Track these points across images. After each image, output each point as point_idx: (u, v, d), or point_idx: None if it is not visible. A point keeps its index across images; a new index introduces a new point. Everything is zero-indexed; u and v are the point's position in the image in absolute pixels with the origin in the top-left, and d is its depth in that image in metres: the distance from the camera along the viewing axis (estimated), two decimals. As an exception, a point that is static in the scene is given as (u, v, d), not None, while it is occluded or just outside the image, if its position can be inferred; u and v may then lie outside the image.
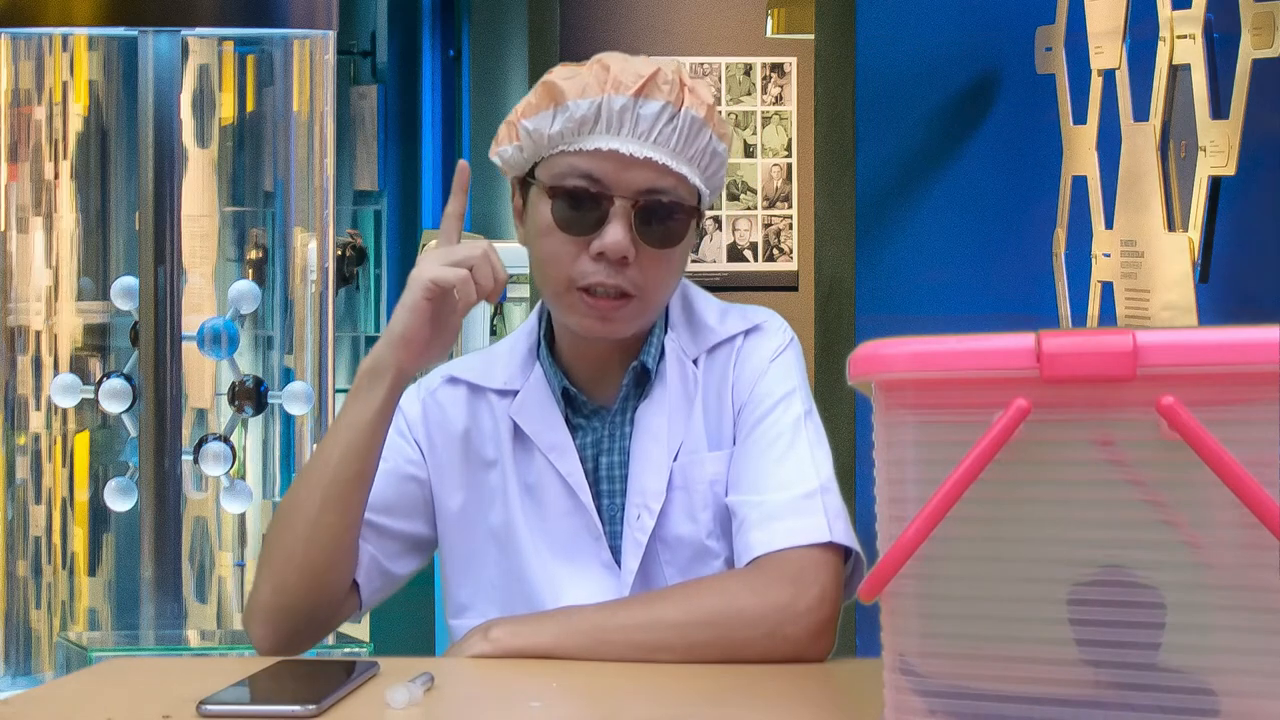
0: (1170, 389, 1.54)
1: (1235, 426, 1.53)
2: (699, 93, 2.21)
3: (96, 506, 4.51)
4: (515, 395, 2.30)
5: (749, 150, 6.47)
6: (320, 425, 4.33)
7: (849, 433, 4.31)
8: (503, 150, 2.26)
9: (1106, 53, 3.72)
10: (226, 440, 4.28)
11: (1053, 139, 3.99)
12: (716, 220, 6.46)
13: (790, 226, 6.47)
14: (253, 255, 4.79)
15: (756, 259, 6.47)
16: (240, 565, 4.69)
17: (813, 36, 4.83)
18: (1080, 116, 3.87)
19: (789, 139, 6.46)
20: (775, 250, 6.47)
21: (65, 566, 4.58)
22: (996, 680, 1.59)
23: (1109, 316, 3.71)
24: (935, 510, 1.57)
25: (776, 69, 6.46)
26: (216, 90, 4.73)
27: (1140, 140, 3.56)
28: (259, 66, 4.76)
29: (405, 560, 2.31)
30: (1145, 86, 3.53)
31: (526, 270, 2.87)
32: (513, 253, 2.44)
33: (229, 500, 4.35)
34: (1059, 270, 3.98)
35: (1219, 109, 3.29)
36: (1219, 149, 3.26)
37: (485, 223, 7.93)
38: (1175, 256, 3.42)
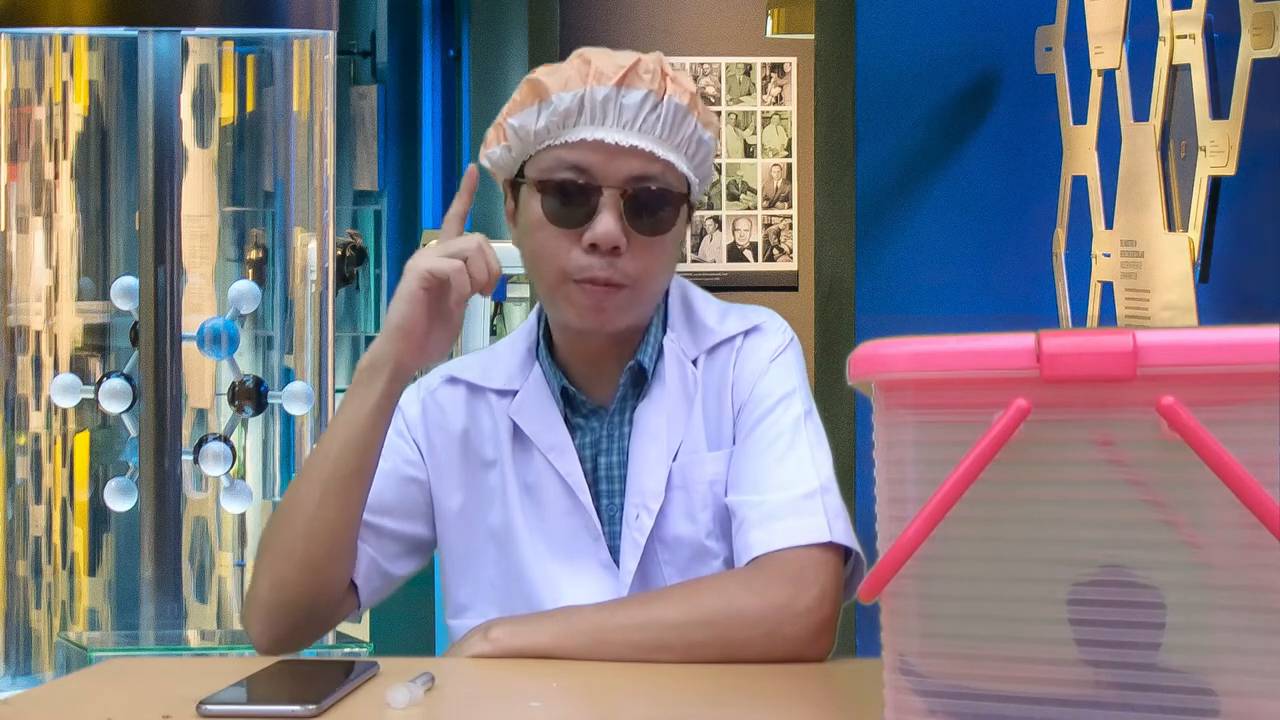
0: (1170, 389, 1.54)
1: (1235, 426, 1.53)
2: (681, 82, 2.22)
3: (96, 506, 4.51)
4: (514, 395, 2.30)
5: (749, 150, 6.47)
6: (320, 425, 4.33)
7: (849, 433, 4.31)
8: (491, 153, 2.27)
9: (1106, 53, 3.72)
10: (226, 440, 4.27)
11: (1053, 139, 3.99)
12: (716, 220, 6.46)
13: (790, 226, 6.47)
14: (253, 255, 4.79)
15: (756, 259, 6.47)
16: (240, 565, 4.69)
17: (813, 36, 4.83)
18: (1080, 116, 3.87)
19: (789, 139, 6.46)
20: (775, 250, 6.47)
21: (65, 566, 4.58)
22: (996, 680, 1.59)
23: (1109, 316, 3.71)
24: (935, 510, 1.57)
25: (776, 69, 6.46)
26: (216, 90, 4.73)
27: (1140, 140, 3.56)
28: (259, 66, 4.76)
29: (404, 561, 2.31)
30: (1145, 86, 3.53)
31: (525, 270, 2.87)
32: (510, 253, 2.43)
33: (229, 500, 4.35)
34: (1059, 270, 3.99)
35: (1219, 109, 3.29)
36: (1219, 149, 3.26)
37: (485, 223, 7.93)
38: (1175, 256, 3.42)
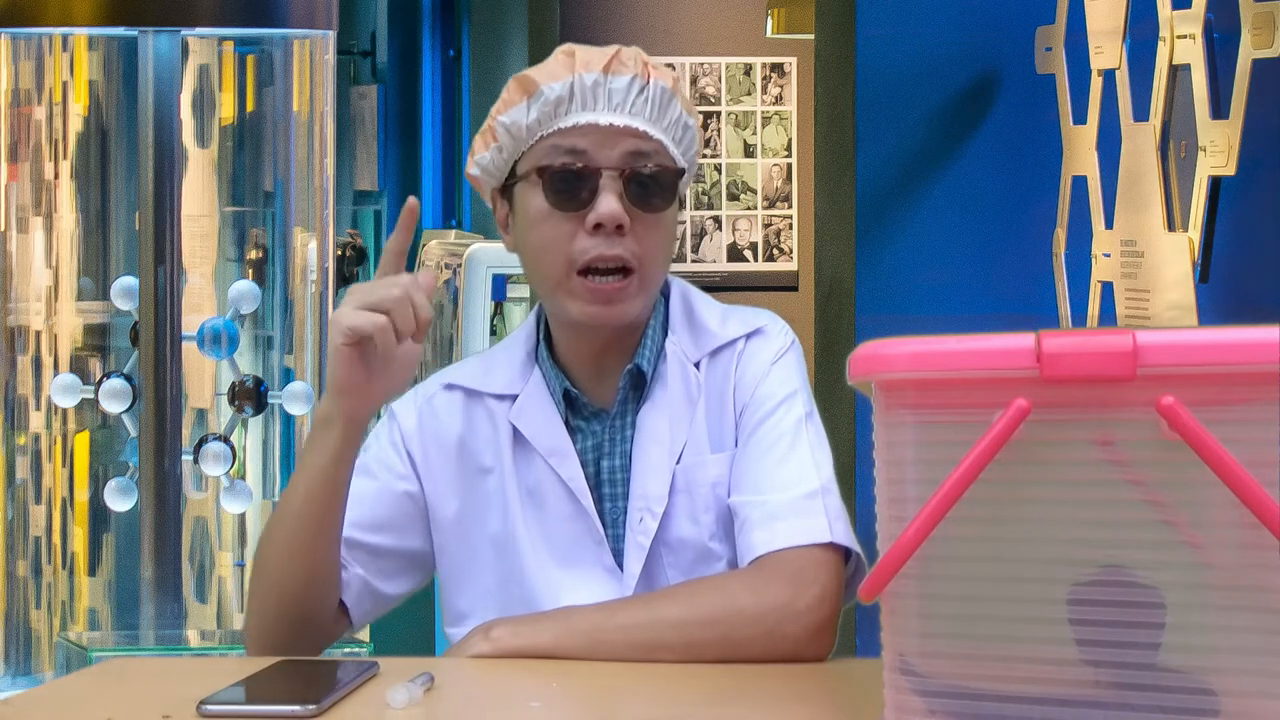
0: (1170, 389, 1.54)
1: (1235, 426, 1.53)
2: (662, 70, 2.26)
3: (96, 506, 4.51)
4: (514, 399, 2.30)
5: (749, 150, 6.47)
6: (320, 425, 4.32)
7: (849, 433, 4.31)
8: (480, 158, 2.28)
9: (1106, 53, 3.72)
10: (226, 440, 4.27)
11: (1053, 139, 3.99)
12: (716, 220, 6.46)
13: (790, 226, 6.47)
14: (253, 255, 4.79)
15: (756, 259, 6.47)
16: (240, 565, 4.69)
17: (813, 36, 4.83)
18: (1080, 116, 3.87)
19: (789, 139, 6.46)
20: (775, 250, 6.47)
21: (65, 566, 4.58)
22: (996, 680, 1.59)
23: (1109, 316, 3.71)
24: (935, 510, 1.57)
25: (776, 69, 6.46)
26: (216, 90, 4.73)
27: (1140, 140, 3.56)
28: (259, 66, 4.76)
29: (400, 579, 2.31)
30: (1145, 86, 3.53)
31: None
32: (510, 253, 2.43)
33: (229, 500, 4.35)
34: (1059, 270, 3.99)
35: (1219, 109, 3.29)
36: (1219, 149, 3.26)
37: (486, 222, 7.93)
38: (1175, 256, 3.42)
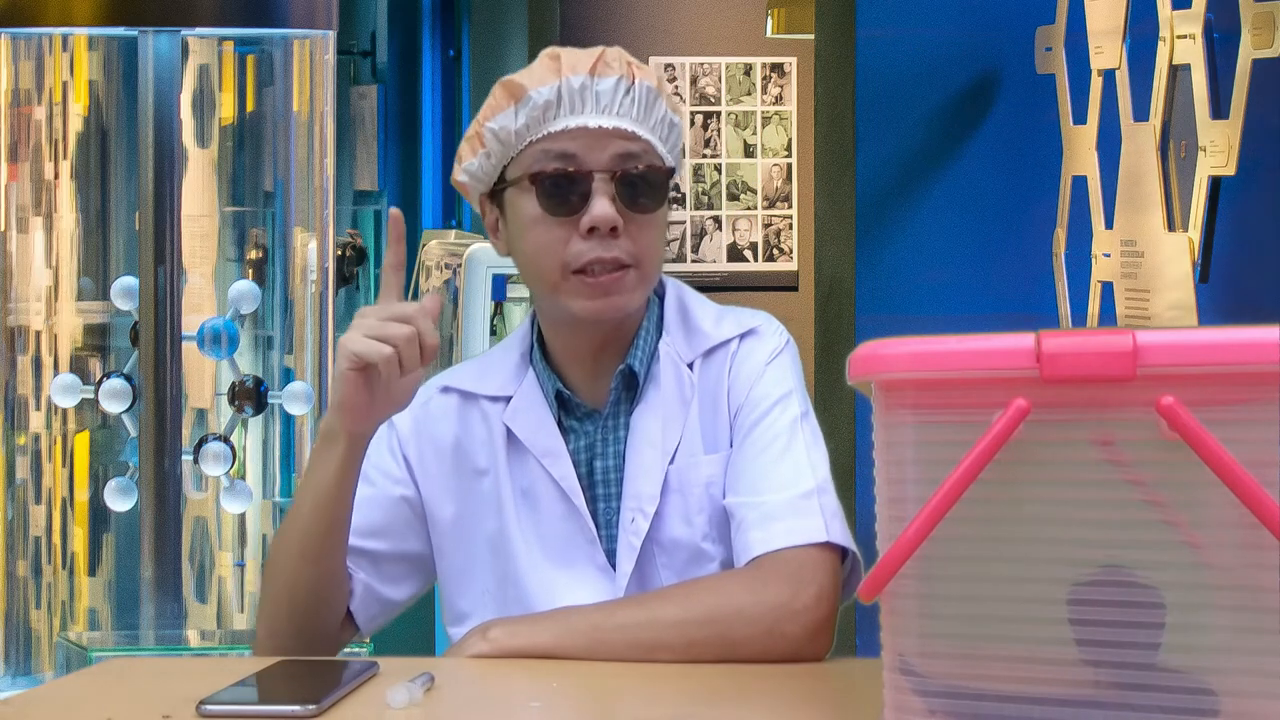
0: (1170, 389, 1.54)
1: (1235, 426, 1.53)
2: (646, 69, 2.27)
3: (96, 506, 4.51)
4: (509, 401, 2.31)
5: (749, 150, 6.47)
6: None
7: (849, 433, 4.31)
8: (468, 165, 2.28)
9: (1106, 53, 3.72)
10: (226, 440, 4.27)
11: (1053, 139, 3.99)
12: (716, 220, 6.46)
13: (790, 226, 6.47)
14: (253, 255, 4.79)
15: (756, 259, 6.47)
16: (240, 565, 4.69)
17: (813, 36, 4.83)
18: (1080, 116, 3.87)
19: (789, 139, 6.46)
20: (775, 250, 6.47)
21: (65, 566, 4.58)
22: (996, 680, 1.59)
23: (1109, 316, 3.71)
24: (935, 510, 1.57)
25: (776, 69, 6.46)
26: (216, 90, 4.73)
27: (1140, 140, 3.56)
28: (259, 66, 4.76)
29: (403, 584, 2.33)
30: (1145, 86, 3.53)
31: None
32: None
33: (229, 500, 4.35)
34: (1059, 270, 3.99)
35: (1219, 109, 3.29)
36: (1219, 149, 3.26)
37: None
38: (1175, 256, 3.42)
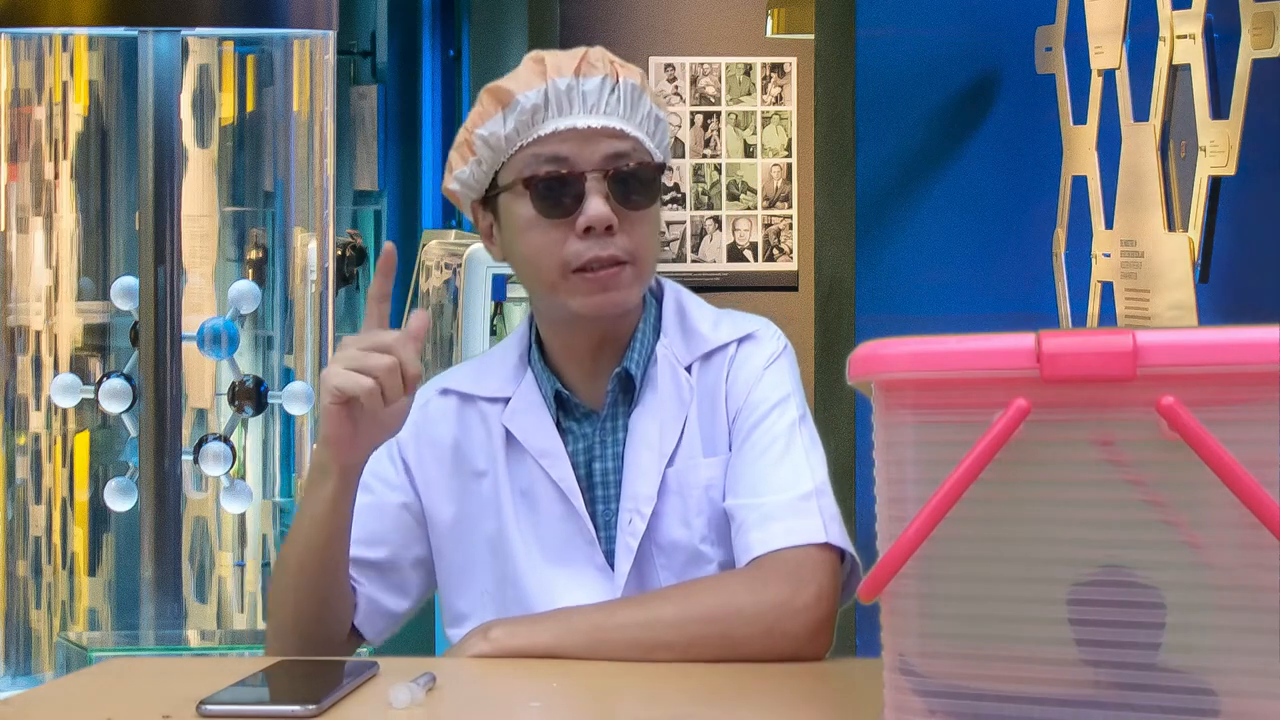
0: (1170, 389, 1.54)
1: (1235, 426, 1.53)
2: (629, 68, 2.28)
3: (96, 506, 4.51)
4: (507, 402, 2.32)
5: (749, 150, 6.47)
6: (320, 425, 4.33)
7: (849, 433, 4.31)
8: (459, 174, 2.29)
9: (1106, 53, 3.72)
10: (226, 440, 4.27)
11: (1053, 139, 3.99)
12: (716, 220, 6.46)
13: (790, 226, 6.47)
14: (253, 255, 4.79)
15: (756, 259, 6.47)
16: (240, 565, 4.69)
17: (813, 36, 4.83)
18: (1080, 116, 3.87)
19: (789, 139, 6.46)
20: (775, 250, 6.47)
21: (65, 566, 4.58)
22: (996, 680, 1.59)
23: (1109, 316, 3.71)
24: (935, 510, 1.57)
25: (776, 69, 6.46)
26: (216, 90, 4.73)
27: (1140, 140, 3.56)
28: (259, 66, 4.76)
29: (407, 591, 2.35)
30: (1145, 86, 3.53)
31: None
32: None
33: (229, 500, 4.35)
34: (1059, 270, 3.99)
35: (1219, 109, 3.29)
36: (1219, 149, 3.26)
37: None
38: (1175, 256, 3.42)
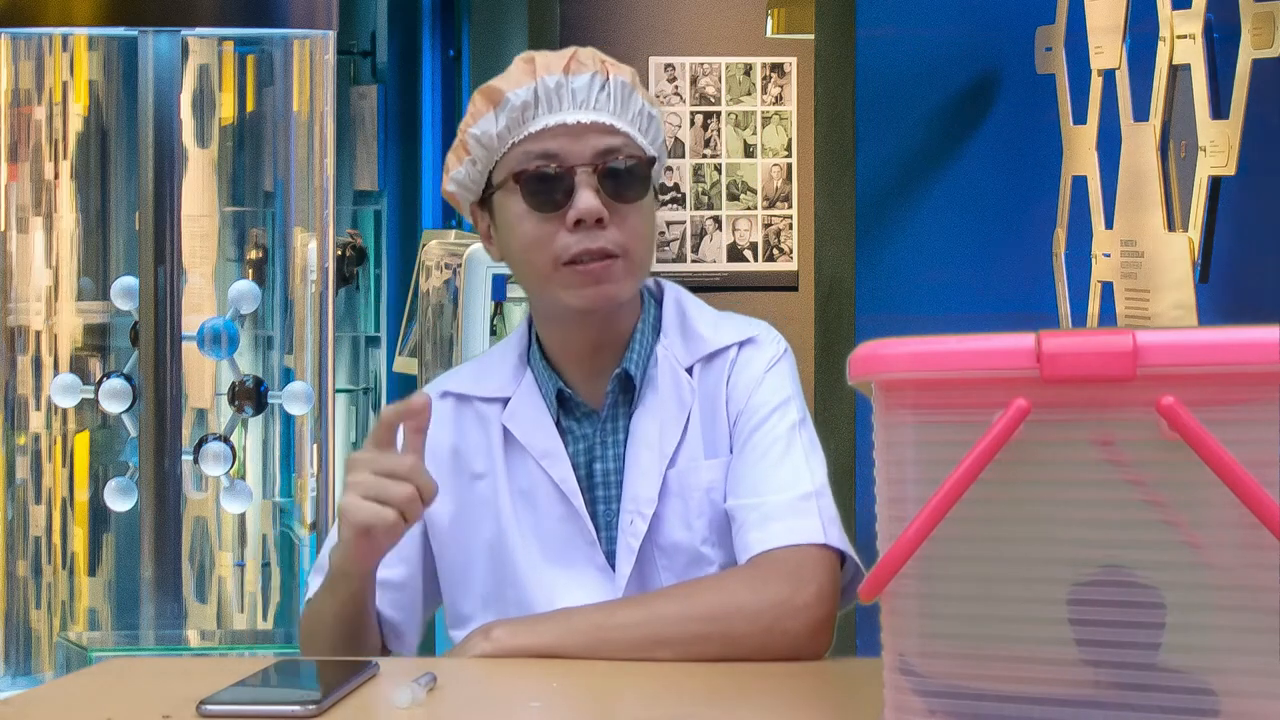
0: (1170, 389, 1.54)
1: (1235, 426, 1.53)
2: (620, 66, 2.30)
3: (96, 506, 4.51)
4: (506, 402, 2.32)
5: (749, 150, 6.46)
6: (320, 425, 4.33)
7: (849, 433, 4.31)
8: (456, 174, 2.31)
9: (1106, 52, 3.72)
10: (226, 440, 4.28)
11: (1053, 139, 3.99)
12: (716, 220, 6.46)
13: (790, 226, 6.47)
14: (253, 255, 4.79)
15: (756, 259, 6.47)
16: (240, 565, 4.69)
17: (813, 36, 4.83)
18: (1080, 116, 3.87)
19: (789, 139, 6.46)
20: (775, 250, 6.47)
21: (65, 566, 4.58)
22: (996, 680, 1.59)
23: (1109, 316, 3.71)
24: (935, 510, 1.57)
25: (776, 69, 6.46)
26: (216, 90, 4.73)
27: (1140, 140, 3.56)
28: (259, 66, 4.76)
29: (432, 599, 2.36)
30: (1145, 86, 3.53)
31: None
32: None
33: (229, 500, 4.35)
34: (1059, 270, 3.99)
35: (1219, 109, 3.29)
36: (1219, 149, 3.26)
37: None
38: (1175, 256, 3.42)
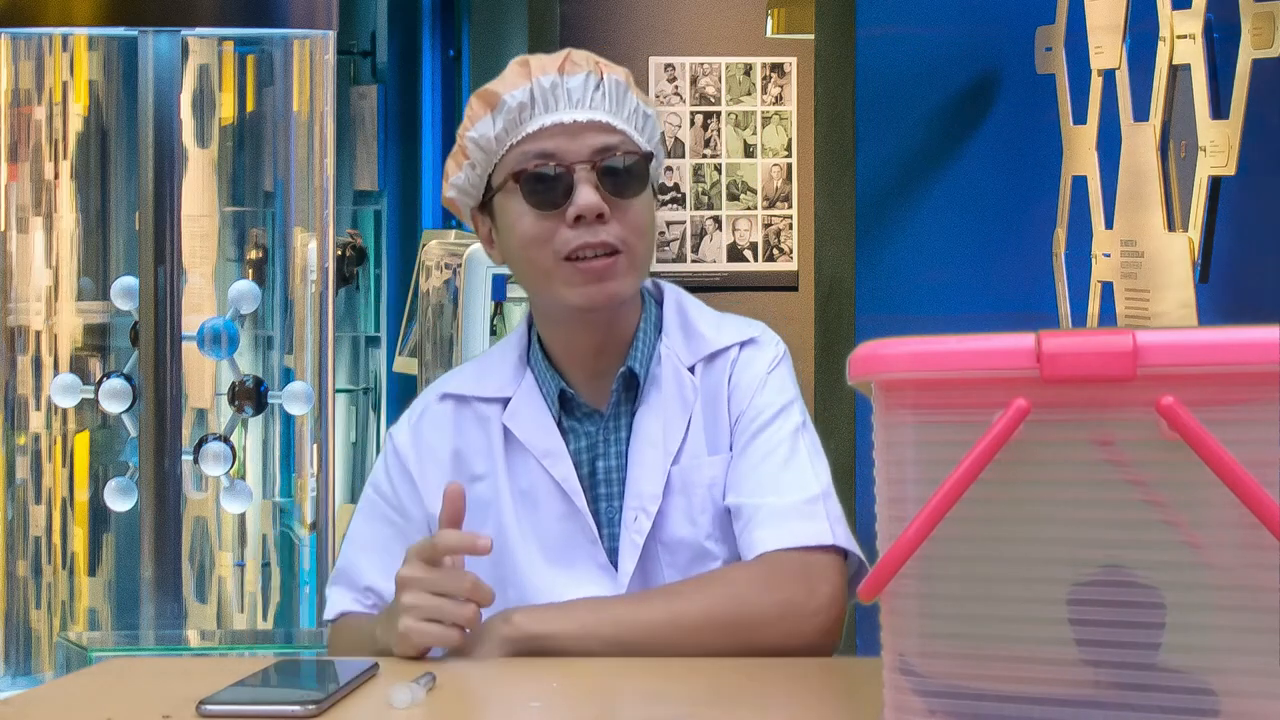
0: (1170, 389, 1.54)
1: (1235, 426, 1.53)
2: (614, 67, 2.32)
3: (96, 506, 4.51)
4: (507, 403, 2.32)
5: (749, 150, 6.47)
6: (320, 425, 4.33)
7: (849, 433, 4.31)
8: (456, 179, 2.33)
9: (1106, 52, 3.72)
10: (226, 440, 4.28)
11: (1053, 139, 3.99)
12: (716, 220, 6.46)
13: (790, 226, 6.47)
14: (253, 255, 4.79)
15: (756, 259, 6.47)
16: (240, 565, 4.69)
17: (813, 36, 4.83)
18: (1080, 116, 3.87)
19: (789, 139, 6.46)
20: (775, 250, 6.47)
21: (65, 566, 4.58)
22: (996, 680, 1.59)
23: (1109, 316, 3.71)
24: (935, 510, 1.57)
25: (776, 69, 6.46)
26: (216, 90, 4.73)
27: (1140, 140, 3.56)
28: (259, 66, 4.76)
29: None
30: (1145, 86, 3.53)
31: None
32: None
33: (229, 500, 4.35)
34: (1059, 270, 3.99)
35: (1219, 109, 3.30)
36: (1219, 149, 3.26)
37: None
38: (1175, 256, 3.42)
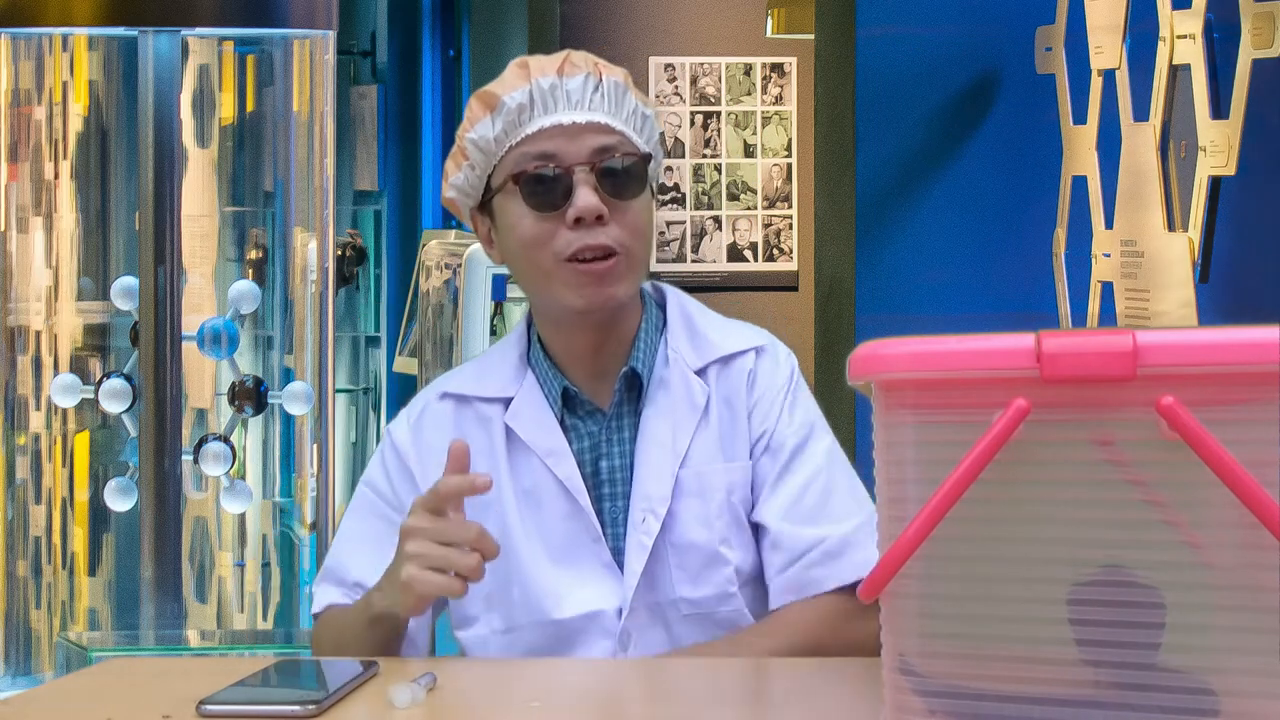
0: (1170, 389, 1.53)
1: (1235, 426, 1.53)
2: (613, 68, 2.33)
3: (96, 506, 4.51)
4: (508, 403, 2.32)
5: (749, 150, 6.46)
6: (320, 425, 4.33)
7: (849, 433, 4.31)
8: (455, 180, 2.33)
9: (1106, 52, 3.72)
10: (226, 440, 4.28)
11: (1053, 139, 3.99)
12: (716, 220, 6.46)
13: (790, 226, 6.47)
14: (253, 255, 4.79)
15: (756, 259, 6.47)
16: (240, 565, 4.69)
17: (813, 36, 4.83)
18: (1080, 116, 3.87)
19: (789, 139, 6.46)
20: (775, 250, 6.47)
21: (65, 566, 4.58)
22: (996, 680, 1.59)
23: (1109, 316, 3.71)
24: (935, 510, 1.57)
25: (776, 69, 6.46)
26: (216, 90, 4.73)
27: (1140, 140, 3.56)
28: (259, 66, 4.76)
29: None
30: (1145, 86, 3.53)
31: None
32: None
33: (229, 500, 4.35)
34: (1059, 270, 3.99)
35: (1219, 109, 3.30)
36: (1219, 149, 3.26)
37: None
38: (1175, 256, 3.42)
